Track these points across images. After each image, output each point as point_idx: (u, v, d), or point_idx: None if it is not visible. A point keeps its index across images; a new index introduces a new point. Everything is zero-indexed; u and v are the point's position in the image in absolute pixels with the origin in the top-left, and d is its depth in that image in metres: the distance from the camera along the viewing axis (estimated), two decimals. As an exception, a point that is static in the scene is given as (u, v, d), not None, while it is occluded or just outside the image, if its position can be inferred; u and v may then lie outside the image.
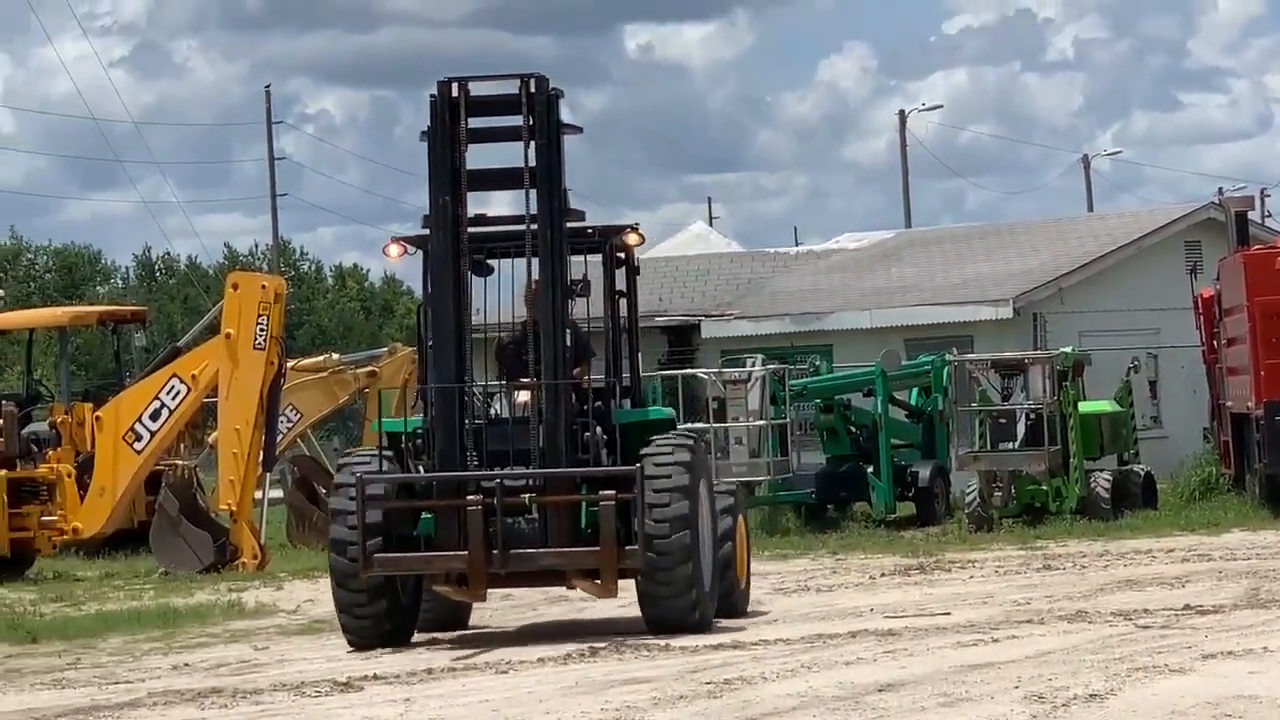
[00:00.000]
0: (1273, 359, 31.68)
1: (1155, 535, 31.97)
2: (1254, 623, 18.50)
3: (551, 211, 16.01)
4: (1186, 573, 24.99)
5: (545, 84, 16.17)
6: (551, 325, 16.12)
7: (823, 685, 14.90)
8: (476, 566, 15.59)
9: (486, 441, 16.42)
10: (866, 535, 34.37)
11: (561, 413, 16.11)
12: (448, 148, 16.23)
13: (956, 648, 17.36)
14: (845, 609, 22.71)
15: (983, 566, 28.44)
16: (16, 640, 23.43)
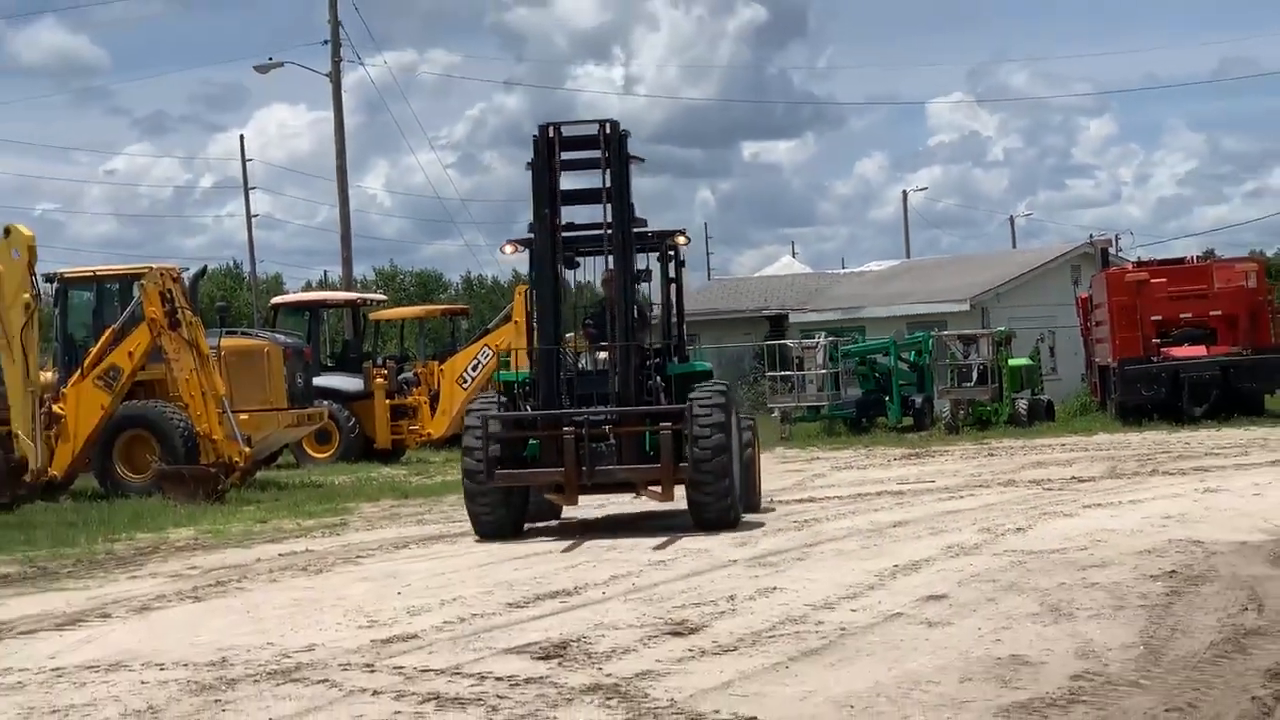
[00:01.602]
0: (1122, 334, 39.41)
1: (1054, 437, 38.33)
2: (1114, 487, 23.86)
3: (622, 220, 18.46)
4: (1072, 458, 30.61)
5: (617, 126, 18.52)
6: (623, 303, 18.73)
7: (860, 523, 20.19)
8: (570, 479, 17.97)
9: (576, 388, 19.06)
10: (884, 437, 43.34)
11: (630, 366, 18.64)
12: (545, 173, 18.70)
13: (938, 500, 22.95)
14: (873, 479, 28.92)
15: (952, 454, 34.42)
16: (396, 497, 29.77)
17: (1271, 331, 41.56)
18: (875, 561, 16.22)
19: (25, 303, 26.05)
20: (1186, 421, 36.24)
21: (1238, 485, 22.12)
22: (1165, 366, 37.62)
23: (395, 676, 11.33)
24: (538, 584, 15.72)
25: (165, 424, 28.12)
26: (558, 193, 18.60)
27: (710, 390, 18.32)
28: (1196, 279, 39.62)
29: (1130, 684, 9.86)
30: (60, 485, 26.82)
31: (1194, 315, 38.14)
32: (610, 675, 10.90)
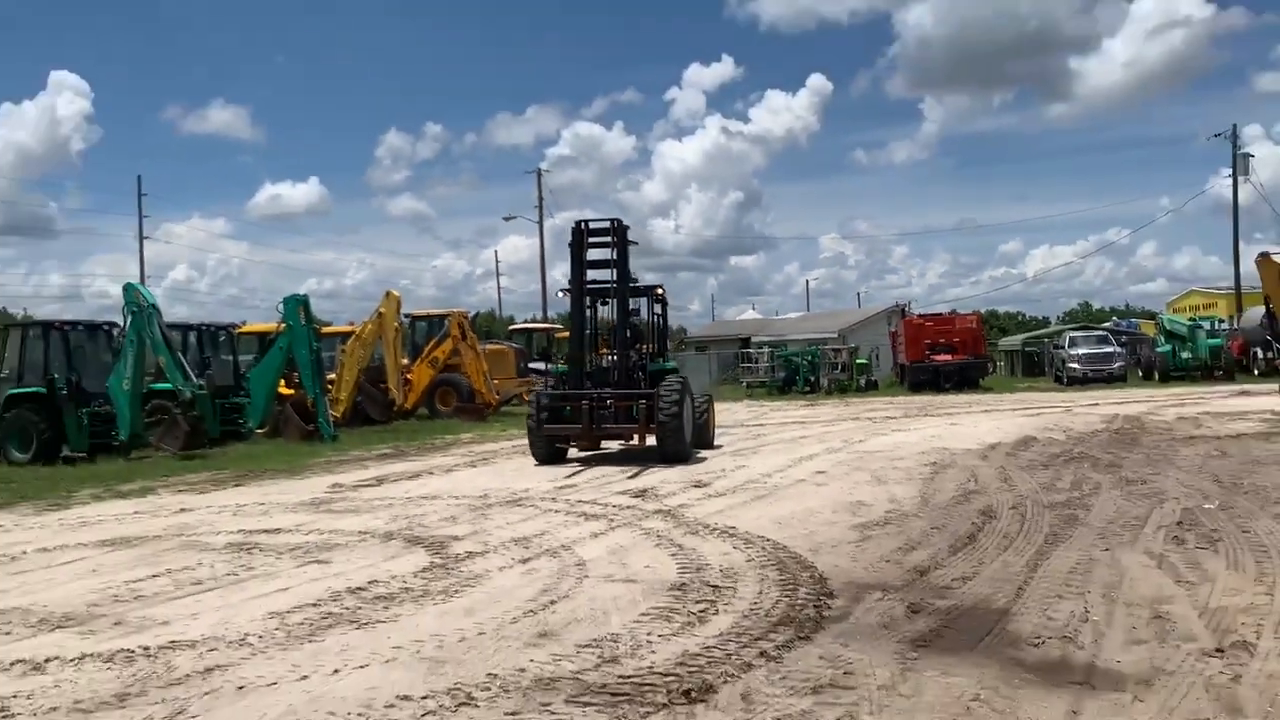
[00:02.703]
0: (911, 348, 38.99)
1: (877, 398, 38.02)
2: (906, 422, 23.06)
3: (620, 279, 16.33)
4: (886, 408, 30.37)
5: (621, 222, 16.46)
6: (621, 329, 16.50)
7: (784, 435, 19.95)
8: (586, 431, 15.78)
9: (594, 377, 16.44)
10: (795, 397, 40.46)
11: (624, 366, 16.34)
12: (579, 250, 16.36)
13: (820, 427, 22.31)
14: (788, 416, 28.57)
15: (827, 405, 34.10)
16: None
17: (984, 348, 42.39)
18: (790, 454, 16.25)
19: (396, 328, 25.51)
20: (941, 391, 35.72)
21: (966, 421, 21.94)
22: (931, 364, 37.65)
23: (564, 503, 11.51)
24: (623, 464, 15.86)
25: (459, 383, 28.04)
26: (584, 261, 16.39)
27: (672, 382, 15.92)
28: (948, 322, 40.11)
29: (914, 515, 10.00)
30: (408, 413, 26.57)
31: (945, 340, 38.55)
32: (666, 505, 11.09)
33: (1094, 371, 36.87)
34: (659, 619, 6.23)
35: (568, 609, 6.57)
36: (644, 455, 15.98)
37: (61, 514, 12.15)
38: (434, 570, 7.97)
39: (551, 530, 9.68)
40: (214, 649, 5.84)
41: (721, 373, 51.58)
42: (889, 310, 51.79)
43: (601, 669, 5.25)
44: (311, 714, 4.69)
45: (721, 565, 7.76)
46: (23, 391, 19.00)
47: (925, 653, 5.43)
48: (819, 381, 39.76)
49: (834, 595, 6.73)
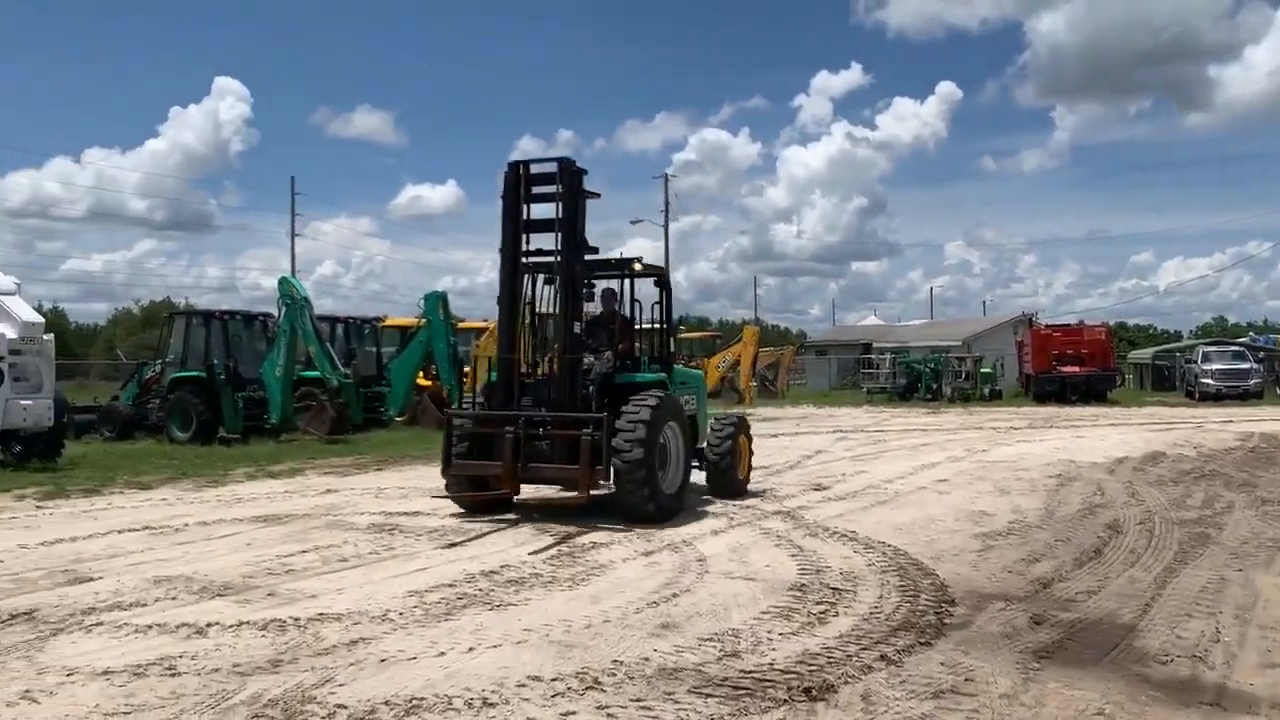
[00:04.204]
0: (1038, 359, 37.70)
1: (1001, 408, 36.56)
2: (1031, 432, 22.58)
3: (568, 248, 10.17)
4: (1010, 418, 29.30)
5: (572, 164, 10.38)
6: (564, 320, 10.20)
7: (905, 442, 19.56)
8: (507, 473, 9.92)
9: (530, 393, 10.42)
10: (917, 404, 39.13)
11: (567, 376, 10.15)
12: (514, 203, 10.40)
13: (942, 435, 21.90)
14: (910, 423, 27.87)
15: (950, 414, 34.28)
16: None
17: (1113, 360, 40.92)
18: (911, 461, 16.00)
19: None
20: (1067, 403, 34.61)
21: (1092, 434, 21.30)
22: (1058, 375, 36.58)
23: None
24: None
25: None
26: (519, 220, 10.46)
27: (637, 404, 9.98)
28: (1076, 333, 38.82)
29: (1038, 527, 9.77)
30: None
31: (1073, 351, 37.34)
32: (786, 506, 11.03)
33: (1228, 387, 35.37)
34: (779, 617, 6.21)
35: (689, 602, 6.61)
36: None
37: (219, 491, 12.72)
38: (561, 558, 8.11)
39: (671, 525, 9.71)
40: (358, 622, 6.06)
41: (841, 378, 51.05)
42: (1015, 320, 50.36)
43: (723, 662, 5.27)
44: (449, 688, 4.83)
45: (841, 568, 7.69)
46: (185, 375, 19.97)
47: (1048, 664, 5.29)
48: (941, 389, 38.93)
49: (955, 603, 6.61)
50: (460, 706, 4.61)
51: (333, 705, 4.61)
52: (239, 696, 4.72)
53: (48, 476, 13.68)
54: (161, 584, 7.15)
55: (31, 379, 14.79)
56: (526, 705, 4.64)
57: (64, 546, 8.73)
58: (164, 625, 6.00)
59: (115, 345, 51.35)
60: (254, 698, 4.70)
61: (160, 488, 12.97)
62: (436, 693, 4.77)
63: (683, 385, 11.92)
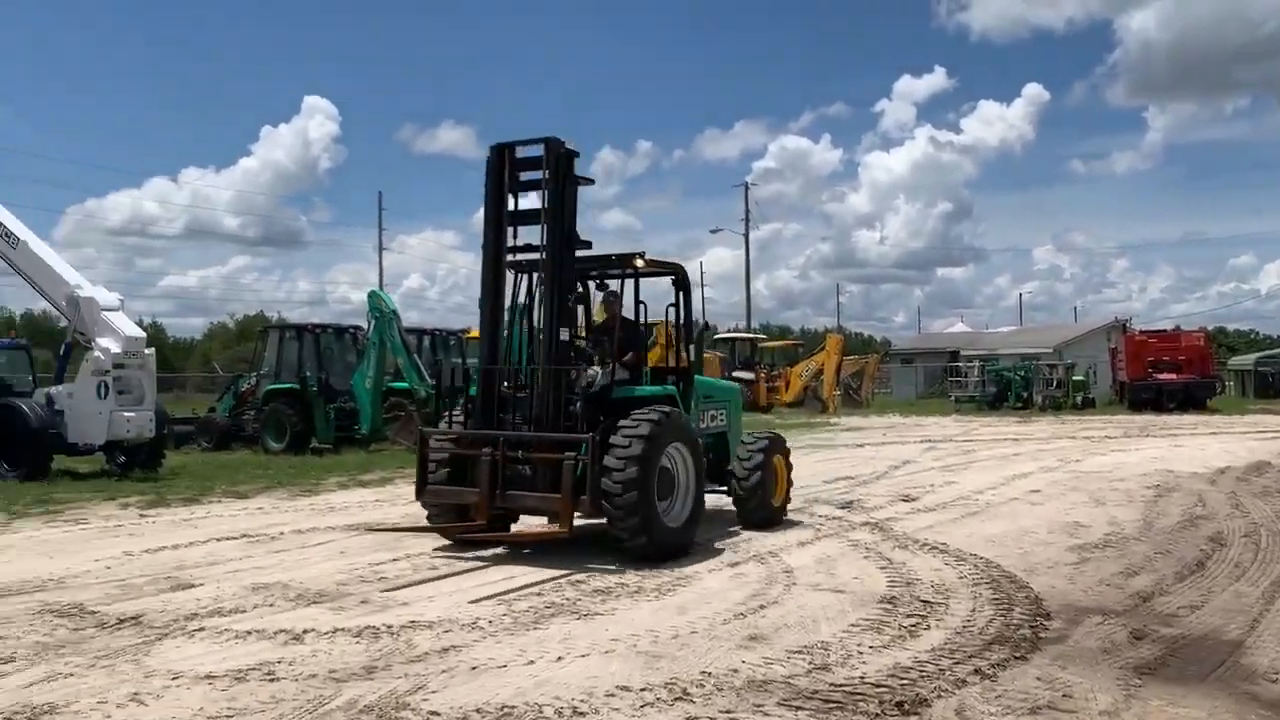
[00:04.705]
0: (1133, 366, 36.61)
1: (1095, 417, 35.86)
2: (1126, 441, 22.06)
3: (554, 243, 8.62)
4: (1104, 426, 28.63)
5: (560, 145, 8.75)
6: (549, 327, 8.63)
7: (994, 452, 19.23)
8: (484, 503, 8.58)
9: (511, 409, 8.90)
10: (1006, 413, 38.02)
11: (551, 390, 8.59)
12: (498, 190, 9.02)
13: (1034, 444, 21.50)
14: (1000, 432, 27.47)
15: (1041, 423, 33.69)
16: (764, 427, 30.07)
17: (1212, 366, 39.62)
18: (1002, 472, 15.69)
19: None
20: (1164, 411, 33.56)
21: (1192, 443, 20.72)
22: (1154, 383, 35.55)
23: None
24: (833, 471, 15.66)
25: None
26: (503, 210, 9.06)
27: (635, 419, 8.40)
28: (1172, 339, 37.71)
29: (1136, 539, 9.52)
30: None
31: (1170, 358, 36.25)
32: (873, 518, 10.91)
33: (1338, 394, 34.09)
34: (869, 630, 6.14)
35: (777, 614, 6.56)
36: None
37: (312, 499, 13.00)
38: (645, 568, 8.10)
39: (758, 536, 9.68)
40: (449, 630, 6.15)
41: (927, 386, 50.20)
42: (1108, 326, 49.06)
43: (812, 675, 5.22)
44: (539, 697, 4.87)
45: (932, 580, 7.57)
46: (279, 387, 20.53)
47: (1150, 680, 5.14)
48: (1032, 398, 38.07)
49: (1050, 616, 6.46)
50: (551, 715, 4.63)
51: (426, 712, 4.68)
52: (335, 702, 4.81)
53: (150, 486, 14.14)
54: (259, 591, 7.33)
55: (134, 392, 15.35)
56: (616, 715, 4.65)
57: (166, 554, 9.02)
58: (262, 631, 6.15)
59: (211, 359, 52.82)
60: (350, 704, 4.79)
61: (256, 497, 13.32)
62: (527, 701, 4.81)
63: (707, 400, 10.55)
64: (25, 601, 6.99)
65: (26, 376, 16.52)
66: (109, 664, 5.47)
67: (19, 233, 15.52)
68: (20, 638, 6.03)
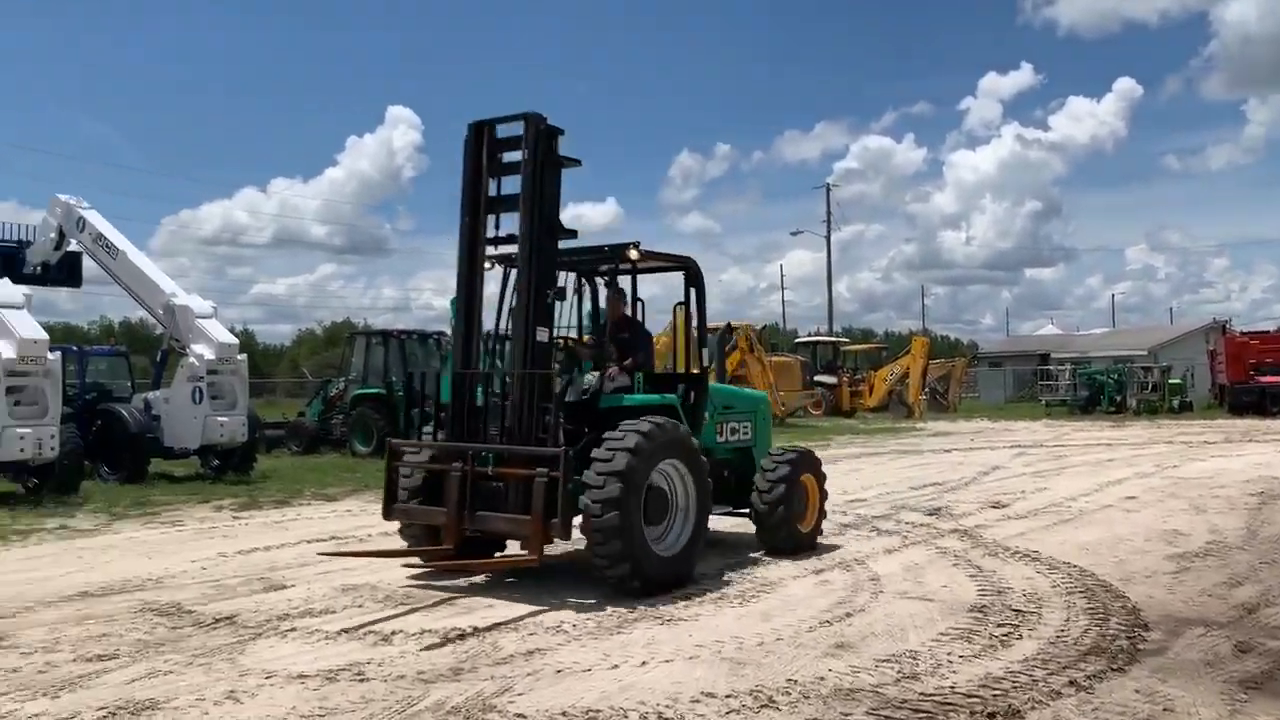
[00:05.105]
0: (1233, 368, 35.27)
1: (1193, 421, 34.89)
2: (1227, 447, 21.41)
3: (531, 231, 7.62)
4: (1203, 431, 27.60)
5: (542, 121, 7.69)
6: (524, 323, 7.58)
7: (1088, 458, 18.78)
8: (453, 523, 7.54)
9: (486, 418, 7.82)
10: (1099, 417, 36.94)
11: (522, 400, 7.47)
12: (475, 173, 7.97)
13: (1129, 450, 20.88)
14: (1093, 437, 26.82)
15: (1136, 427, 33.15)
16: (852, 433, 28.10)
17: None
18: (1095, 478, 15.33)
19: None
20: (1268, 415, 32.38)
21: (1299, 450, 19.85)
22: (1256, 385, 34.26)
23: (854, 516, 11.31)
24: (919, 478, 15.45)
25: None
26: (482, 193, 8.01)
27: (622, 431, 7.39)
28: (1276, 340, 36.27)
29: (1239, 548, 9.21)
30: None
31: (1273, 360, 34.90)
32: (962, 525, 10.73)
33: None
34: (959, 639, 6.03)
35: (864, 622, 6.49)
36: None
37: (398, 503, 13.19)
38: (729, 573, 8.09)
39: (843, 544, 9.58)
40: (534, 633, 6.21)
41: (1017, 390, 49.14)
42: (1206, 327, 47.36)
43: (901, 684, 5.15)
44: (623, 702, 4.89)
45: (1024, 589, 7.40)
46: (366, 392, 20.92)
47: (1257, 695, 4.95)
48: (1126, 402, 36.94)
49: (1149, 627, 6.27)
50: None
51: (512, 714, 4.72)
52: (424, 703, 4.89)
53: (242, 489, 14.55)
54: (349, 592, 7.48)
55: (227, 397, 15.80)
56: (701, 721, 4.64)
57: (259, 555, 9.26)
58: (352, 632, 6.28)
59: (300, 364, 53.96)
60: (438, 705, 4.86)
61: (345, 499, 13.58)
62: (612, 705, 4.83)
63: (727, 411, 9.36)
64: (127, 600, 7.24)
65: (125, 382, 17.14)
66: (205, 662, 5.63)
67: (119, 244, 16.10)
68: (123, 635, 6.25)
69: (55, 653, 5.84)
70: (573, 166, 7.93)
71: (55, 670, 5.48)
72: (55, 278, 17.69)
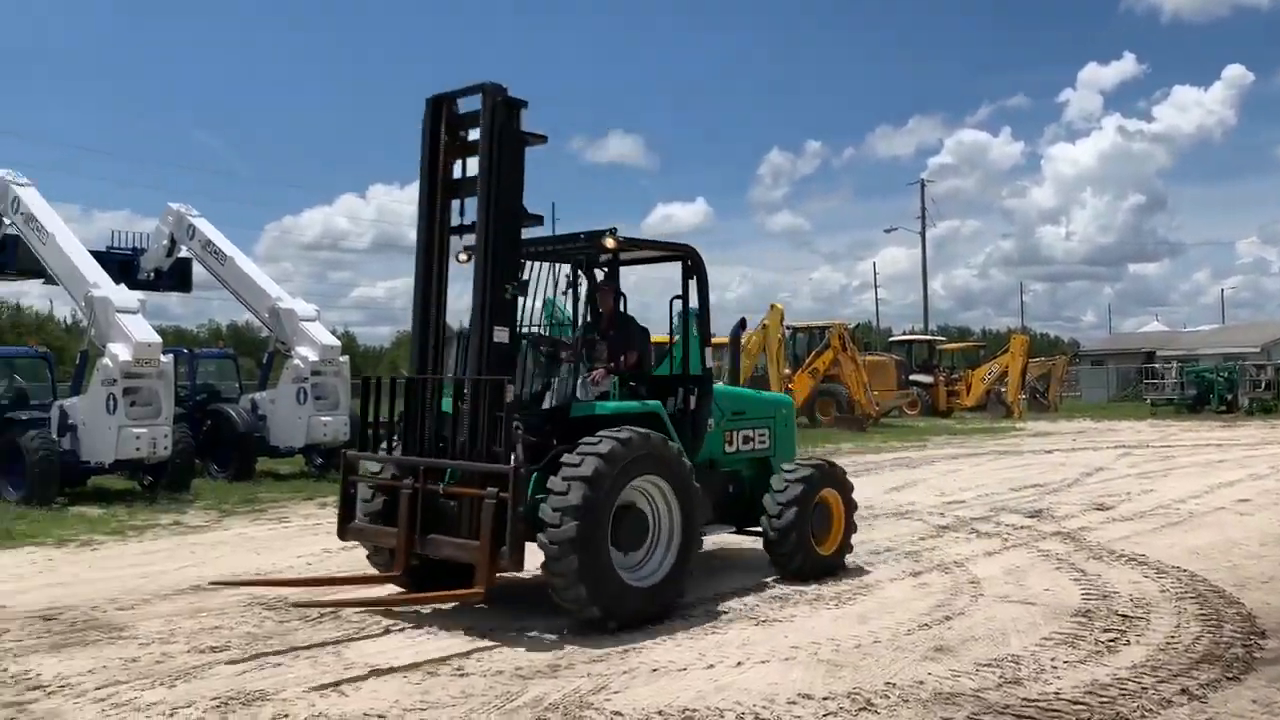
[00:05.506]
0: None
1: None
2: None
3: (488, 217, 6.59)
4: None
5: (502, 93, 6.65)
6: (481, 320, 6.63)
7: (1197, 459, 18.16)
8: (403, 546, 6.73)
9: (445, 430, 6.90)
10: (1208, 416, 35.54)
11: (478, 409, 6.55)
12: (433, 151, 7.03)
13: (1241, 450, 20.17)
14: (1202, 437, 25.98)
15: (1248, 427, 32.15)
16: (949, 434, 27.71)
17: None
18: (1205, 480, 14.80)
19: (779, 340, 25.97)
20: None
21: None
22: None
23: (952, 518, 11.12)
24: (1020, 479, 14.96)
25: (839, 394, 28.18)
26: (439, 182, 7.08)
27: (581, 453, 6.30)
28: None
29: (1363, 554, 8.75)
30: None
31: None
32: (1064, 528, 10.46)
33: None
34: (1063, 644, 5.88)
35: (964, 625, 6.37)
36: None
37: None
38: (824, 575, 8.00)
39: (941, 546, 9.43)
40: (629, 632, 6.22)
41: (1120, 389, 47.68)
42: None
43: (1003, 689, 5.05)
44: (719, 701, 4.89)
45: (1131, 594, 7.19)
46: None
47: (1384, 709, 4.74)
48: (1237, 400, 35.53)
49: (1266, 635, 6.03)
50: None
51: (609, 712, 4.77)
52: (522, 699, 4.96)
53: (344, 487, 14.85)
54: (447, 589, 7.59)
55: (329, 397, 16.21)
56: (798, 723, 4.61)
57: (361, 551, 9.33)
58: (452, 628, 6.39)
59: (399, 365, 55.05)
60: (536, 700, 4.93)
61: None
62: (708, 705, 4.83)
63: (737, 417, 8.35)
64: (236, 594, 7.45)
65: (233, 384, 17.67)
66: (311, 655, 5.79)
67: (227, 250, 16.64)
68: (233, 628, 6.46)
69: (171, 644, 6.05)
70: (537, 144, 6.91)
71: (171, 661, 5.68)
72: (167, 283, 18.31)
